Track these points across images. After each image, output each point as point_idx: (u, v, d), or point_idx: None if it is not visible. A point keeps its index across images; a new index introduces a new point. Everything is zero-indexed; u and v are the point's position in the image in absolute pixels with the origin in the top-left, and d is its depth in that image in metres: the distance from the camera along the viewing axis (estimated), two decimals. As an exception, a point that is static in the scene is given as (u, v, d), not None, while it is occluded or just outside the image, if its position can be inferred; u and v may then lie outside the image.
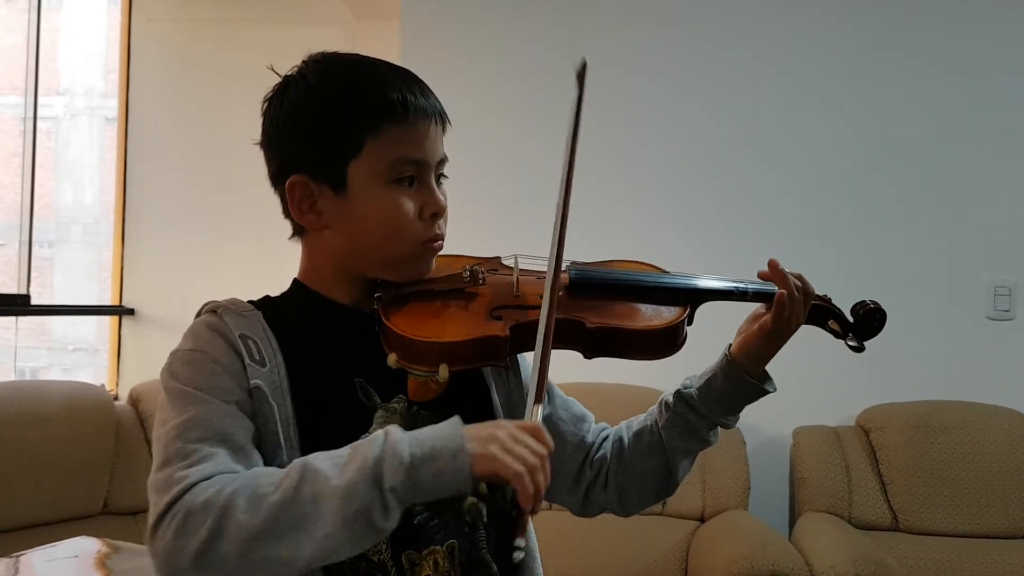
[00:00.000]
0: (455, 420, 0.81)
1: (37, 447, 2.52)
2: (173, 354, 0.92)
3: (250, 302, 0.98)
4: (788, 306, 1.01)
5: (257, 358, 0.90)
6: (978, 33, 3.07)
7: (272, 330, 0.94)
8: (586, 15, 3.25)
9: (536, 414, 0.82)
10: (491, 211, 3.10)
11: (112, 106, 3.94)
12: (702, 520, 2.78)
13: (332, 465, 0.78)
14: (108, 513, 2.67)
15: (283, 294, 1.01)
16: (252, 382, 0.89)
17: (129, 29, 3.82)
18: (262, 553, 0.75)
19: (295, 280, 1.01)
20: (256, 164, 1.00)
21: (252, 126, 1.01)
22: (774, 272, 1.02)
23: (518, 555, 0.74)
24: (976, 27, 3.07)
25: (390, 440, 0.78)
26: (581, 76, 0.99)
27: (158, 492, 0.80)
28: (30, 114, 3.49)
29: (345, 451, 0.79)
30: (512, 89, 3.27)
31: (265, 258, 3.44)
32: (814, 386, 2.82)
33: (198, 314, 0.96)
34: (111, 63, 4.08)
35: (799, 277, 1.03)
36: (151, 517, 0.79)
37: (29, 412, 2.54)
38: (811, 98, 3.13)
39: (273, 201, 1.01)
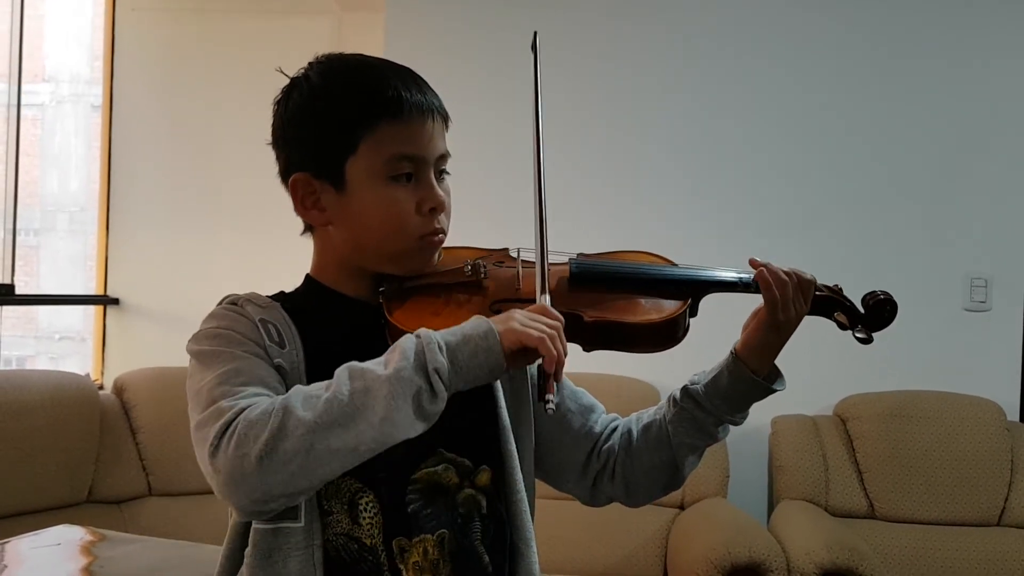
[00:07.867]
0: (477, 316, 0.88)
1: (21, 436, 2.53)
2: (196, 333, 0.94)
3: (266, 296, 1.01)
4: (777, 292, 0.99)
5: (277, 340, 0.93)
6: (957, 32, 3.10)
7: (291, 318, 0.97)
8: (574, 7, 3.26)
9: (543, 301, 0.91)
10: (476, 202, 3.10)
11: (98, 93, 3.92)
12: (681, 508, 2.82)
13: (375, 363, 0.84)
14: (93, 502, 2.69)
15: (296, 289, 1.04)
16: (275, 360, 0.92)
17: (113, 16, 3.80)
18: (325, 444, 0.79)
19: (307, 275, 1.04)
20: (241, 154, 1.03)
21: (237, 116, 1.04)
22: (753, 266, 1.02)
23: (551, 408, 0.82)
24: (955, 27, 3.10)
25: (424, 335, 0.85)
26: (533, 48, 1.07)
27: (207, 425, 0.82)
28: (14, 101, 3.47)
29: (383, 356, 0.85)
30: (497, 80, 3.27)
31: (250, 248, 3.47)
32: (792, 375, 2.78)
33: (218, 305, 0.98)
34: (97, 50, 4.05)
35: (795, 272, 1.01)
36: (208, 447, 0.81)
37: (13, 401, 2.54)
38: (794, 93, 3.15)
39: (258, 193, 1.03)
